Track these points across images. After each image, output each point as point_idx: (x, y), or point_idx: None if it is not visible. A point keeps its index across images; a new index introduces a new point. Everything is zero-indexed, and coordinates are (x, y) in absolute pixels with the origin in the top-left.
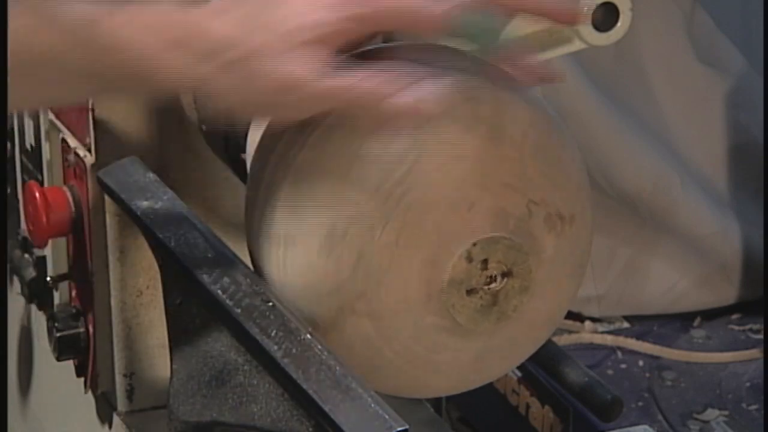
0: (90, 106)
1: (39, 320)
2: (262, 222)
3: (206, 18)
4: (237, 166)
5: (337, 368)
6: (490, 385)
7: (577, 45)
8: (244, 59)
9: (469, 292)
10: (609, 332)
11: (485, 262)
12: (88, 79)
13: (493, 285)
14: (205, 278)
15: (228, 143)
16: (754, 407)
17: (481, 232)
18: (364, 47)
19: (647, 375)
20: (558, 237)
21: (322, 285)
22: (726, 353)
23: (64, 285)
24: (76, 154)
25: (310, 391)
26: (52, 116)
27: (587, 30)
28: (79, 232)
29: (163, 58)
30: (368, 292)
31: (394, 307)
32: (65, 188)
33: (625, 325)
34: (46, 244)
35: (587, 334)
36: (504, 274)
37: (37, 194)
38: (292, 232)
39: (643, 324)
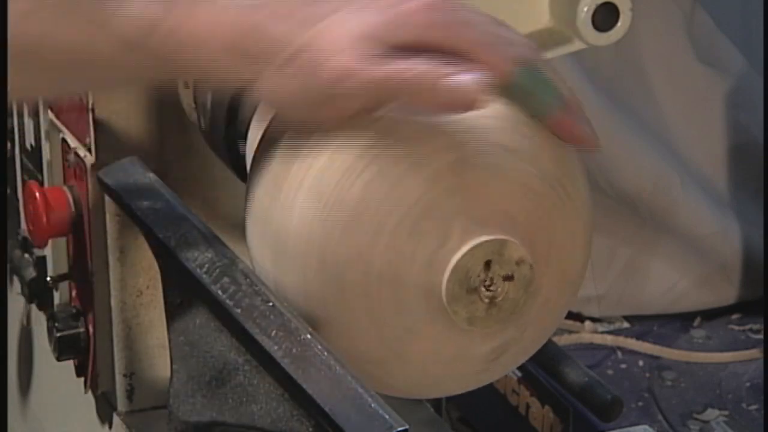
0: (90, 106)
1: (39, 320)
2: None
3: (264, 19)
4: (237, 166)
5: (337, 368)
6: (490, 385)
7: (577, 45)
8: (297, 56)
9: (470, 294)
10: (609, 332)
11: (487, 264)
12: (138, 81)
13: (493, 288)
14: (205, 278)
15: (228, 143)
16: (754, 407)
17: (484, 233)
18: None
19: (647, 375)
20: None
21: (322, 285)
22: (726, 353)
23: (64, 285)
24: (76, 154)
25: (310, 391)
26: (52, 116)
27: (587, 30)
28: (79, 232)
29: (218, 60)
30: (368, 291)
31: (395, 306)
32: (65, 188)
33: (625, 325)
34: (46, 244)
35: (587, 334)
36: (506, 278)
37: (37, 194)
38: (291, 231)
39: (643, 324)
